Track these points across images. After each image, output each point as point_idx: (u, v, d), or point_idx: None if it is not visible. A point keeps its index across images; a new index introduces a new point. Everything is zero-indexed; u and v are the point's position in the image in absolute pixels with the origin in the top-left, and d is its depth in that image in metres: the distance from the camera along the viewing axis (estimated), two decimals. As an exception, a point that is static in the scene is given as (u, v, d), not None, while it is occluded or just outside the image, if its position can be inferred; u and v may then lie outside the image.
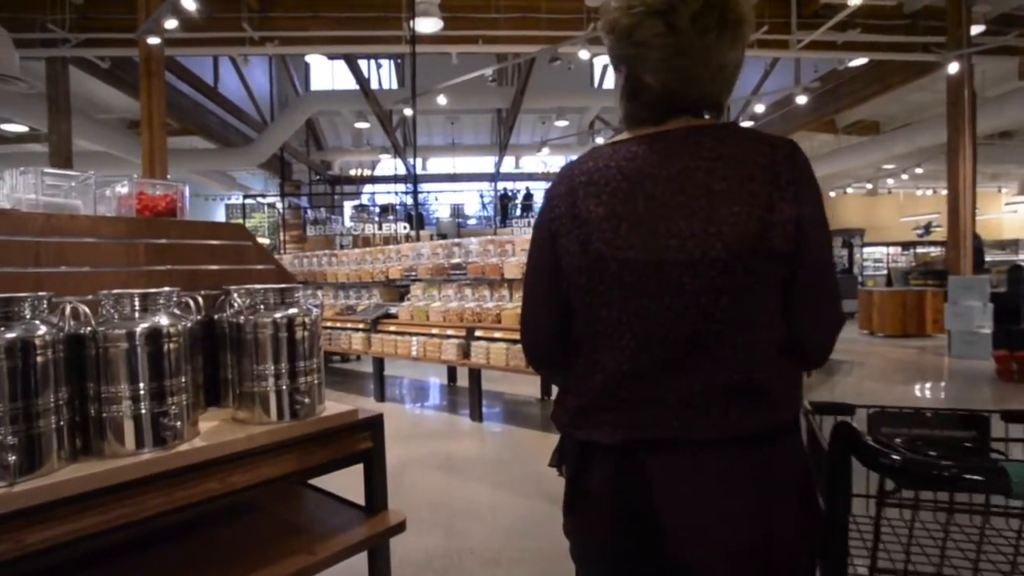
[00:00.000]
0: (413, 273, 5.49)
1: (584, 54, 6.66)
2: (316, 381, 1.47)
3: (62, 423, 1.08)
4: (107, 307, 1.19)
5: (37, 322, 1.07)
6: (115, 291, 1.19)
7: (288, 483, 1.41)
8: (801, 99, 9.41)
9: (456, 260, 5.11)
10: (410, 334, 5.16)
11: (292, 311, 1.42)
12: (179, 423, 1.18)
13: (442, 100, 8.66)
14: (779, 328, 0.82)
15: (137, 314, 1.20)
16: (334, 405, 1.55)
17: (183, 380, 1.24)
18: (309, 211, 16.24)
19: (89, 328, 1.14)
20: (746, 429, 0.79)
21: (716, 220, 0.77)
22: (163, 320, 1.22)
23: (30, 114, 9.12)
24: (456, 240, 5.46)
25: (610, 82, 14.66)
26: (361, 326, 5.65)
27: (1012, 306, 6.63)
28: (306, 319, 1.44)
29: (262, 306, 1.42)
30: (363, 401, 5.62)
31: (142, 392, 1.16)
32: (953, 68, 7.44)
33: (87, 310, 1.21)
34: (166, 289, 1.30)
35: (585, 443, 0.87)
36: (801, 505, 0.82)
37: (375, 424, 1.57)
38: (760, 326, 0.80)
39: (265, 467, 1.32)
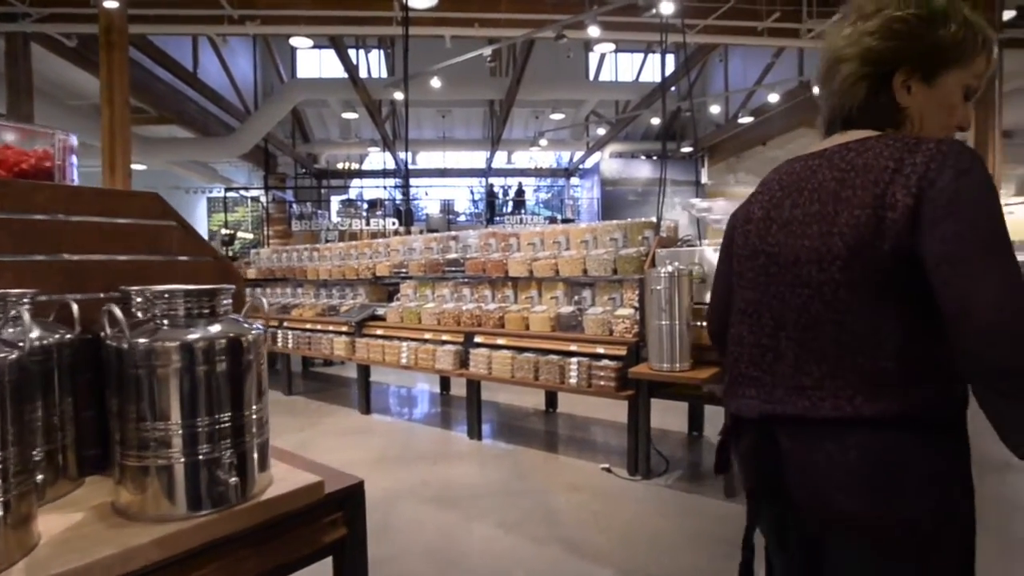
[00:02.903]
0: (404, 270, 4.92)
1: (594, 30, 6.11)
2: (256, 440, 0.92)
3: None
4: None
5: None
6: None
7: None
8: (816, 90, 8.98)
9: (452, 255, 4.55)
10: (399, 339, 4.59)
11: (215, 329, 0.88)
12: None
13: (436, 83, 8.08)
14: (912, 325, 0.81)
15: (-93, 340, 0.65)
16: (286, 472, 1.01)
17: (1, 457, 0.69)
18: (295, 205, 15.63)
19: None
20: (868, 413, 0.80)
21: (839, 223, 0.84)
22: (-33, 349, 0.67)
23: (-11, 95, 8.44)
24: (452, 233, 4.90)
25: (606, 75, 14.29)
26: (344, 329, 5.08)
27: None
28: (241, 341, 0.90)
29: (166, 321, 0.87)
30: (347, 413, 5.05)
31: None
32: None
33: None
34: (-12, 293, 0.75)
35: (734, 416, 0.98)
36: (927, 490, 0.81)
37: (352, 499, 1.03)
38: (885, 317, 0.81)
39: (157, 600, 0.77)
